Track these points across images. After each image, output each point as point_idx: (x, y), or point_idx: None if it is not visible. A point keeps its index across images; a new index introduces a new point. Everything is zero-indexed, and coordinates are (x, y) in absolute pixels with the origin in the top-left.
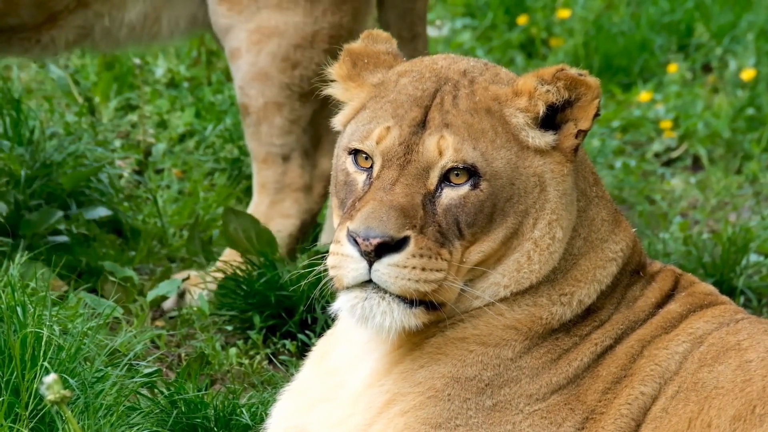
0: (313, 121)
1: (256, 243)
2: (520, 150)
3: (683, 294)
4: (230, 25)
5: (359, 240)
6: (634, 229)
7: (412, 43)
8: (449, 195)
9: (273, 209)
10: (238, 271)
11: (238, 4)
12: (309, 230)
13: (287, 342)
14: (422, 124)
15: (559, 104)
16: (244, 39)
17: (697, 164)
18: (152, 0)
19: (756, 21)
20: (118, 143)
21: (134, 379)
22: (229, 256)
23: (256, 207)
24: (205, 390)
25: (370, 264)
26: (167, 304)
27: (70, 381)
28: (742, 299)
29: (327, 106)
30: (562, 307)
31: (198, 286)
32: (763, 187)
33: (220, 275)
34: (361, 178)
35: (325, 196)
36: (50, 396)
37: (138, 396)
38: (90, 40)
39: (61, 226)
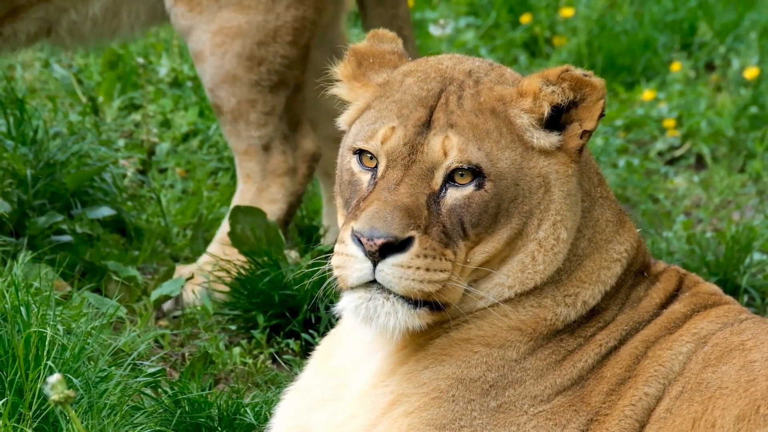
0: (288, 106)
1: (264, 242)
2: (524, 150)
3: (687, 294)
4: (191, 26)
5: (363, 240)
6: (638, 230)
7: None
8: (454, 195)
9: (259, 196)
10: (234, 267)
11: (198, 4)
12: (295, 212)
13: (291, 341)
14: (427, 125)
15: (564, 105)
16: (207, 41)
17: (700, 163)
18: None
19: (759, 20)
20: (121, 143)
21: (138, 379)
22: (216, 249)
23: (243, 195)
24: (209, 389)
25: (375, 264)
26: (167, 305)
27: (74, 381)
28: (745, 298)
29: (300, 91)
30: (567, 308)
31: (193, 283)
32: (766, 185)
33: (217, 271)
34: (365, 177)
35: (310, 175)
36: (54, 396)
37: (142, 395)
38: (54, 34)
39: (65, 226)
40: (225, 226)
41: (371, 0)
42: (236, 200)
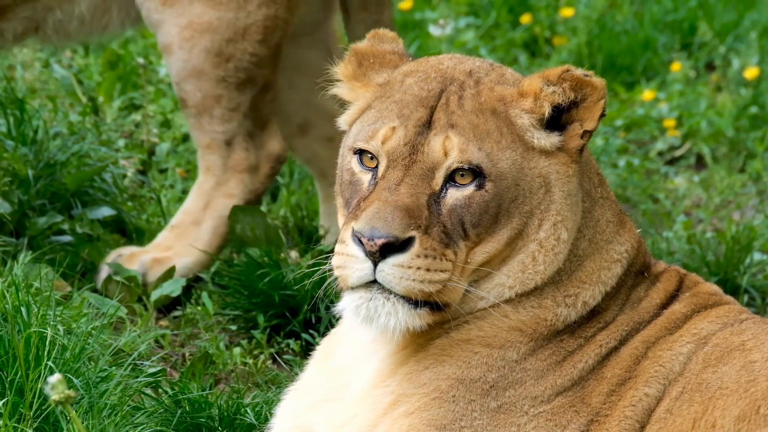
0: (255, 105)
1: (264, 241)
2: (525, 151)
3: (687, 294)
4: (161, 20)
5: (364, 240)
6: (638, 230)
7: None
8: (454, 195)
9: (217, 189)
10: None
11: None
12: None
13: (291, 341)
14: (427, 125)
15: (565, 105)
16: (176, 35)
17: (700, 163)
18: None
19: (759, 19)
20: (121, 143)
21: (138, 379)
22: (165, 239)
23: (200, 186)
24: (210, 389)
25: (375, 264)
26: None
27: (75, 381)
28: (745, 298)
29: (269, 91)
30: (567, 309)
31: (132, 262)
32: (766, 185)
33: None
34: (366, 177)
35: (272, 176)
36: (54, 396)
37: (142, 396)
38: (41, 32)
39: (65, 226)
40: (180, 215)
41: (355, 4)
42: (193, 192)
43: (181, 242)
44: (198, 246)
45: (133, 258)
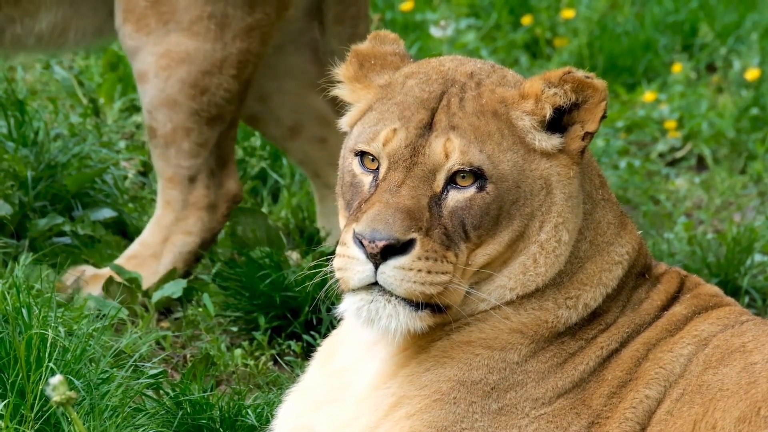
0: (220, 142)
1: (265, 243)
2: (526, 153)
3: (688, 296)
4: (137, 47)
5: (365, 242)
6: (639, 231)
7: None
8: (455, 197)
9: (176, 225)
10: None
11: (146, 26)
12: (208, 249)
13: (292, 343)
14: (429, 126)
15: (566, 107)
16: (152, 63)
17: (701, 164)
18: (63, 12)
19: (760, 21)
20: (122, 144)
21: (140, 381)
22: (136, 250)
23: (159, 220)
24: (211, 391)
25: (376, 266)
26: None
27: (76, 382)
28: (746, 299)
29: (234, 128)
30: (568, 311)
31: (95, 283)
32: (767, 186)
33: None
34: (367, 179)
35: (227, 216)
36: (56, 397)
37: (143, 397)
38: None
39: (66, 228)
40: (138, 246)
41: (330, 18)
42: (152, 224)
43: (139, 273)
44: (156, 279)
45: (96, 279)
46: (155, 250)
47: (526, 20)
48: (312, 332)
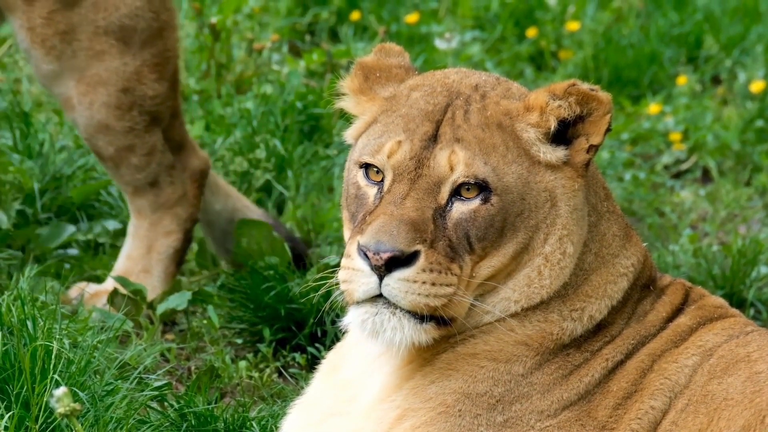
0: (167, 136)
1: (270, 255)
2: (531, 165)
3: (693, 307)
4: (53, 72)
5: (369, 254)
6: (644, 243)
7: None
8: (460, 209)
9: (154, 231)
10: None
11: (53, 48)
12: (192, 236)
13: (297, 355)
14: (433, 139)
15: (571, 119)
16: (72, 89)
17: (706, 176)
18: None
19: (765, 33)
20: None
21: (144, 393)
22: (126, 267)
23: (137, 231)
24: (215, 403)
25: (381, 278)
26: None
27: (80, 394)
28: (751, 311)
29: (177, 116)
30: (573, 323)
31: (97, 300)
32: None
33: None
34: (372, 191)
35: (201, 194)
36: (60, 409)
37: (148, 409)
38: None
39: (73, 238)
40: (125, 261)
41: None
42: (131, 237)
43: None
44: (154, 294)
45: (98, 296)
46: (144, 264)
47: (531, 32)
48: (317, 344)
